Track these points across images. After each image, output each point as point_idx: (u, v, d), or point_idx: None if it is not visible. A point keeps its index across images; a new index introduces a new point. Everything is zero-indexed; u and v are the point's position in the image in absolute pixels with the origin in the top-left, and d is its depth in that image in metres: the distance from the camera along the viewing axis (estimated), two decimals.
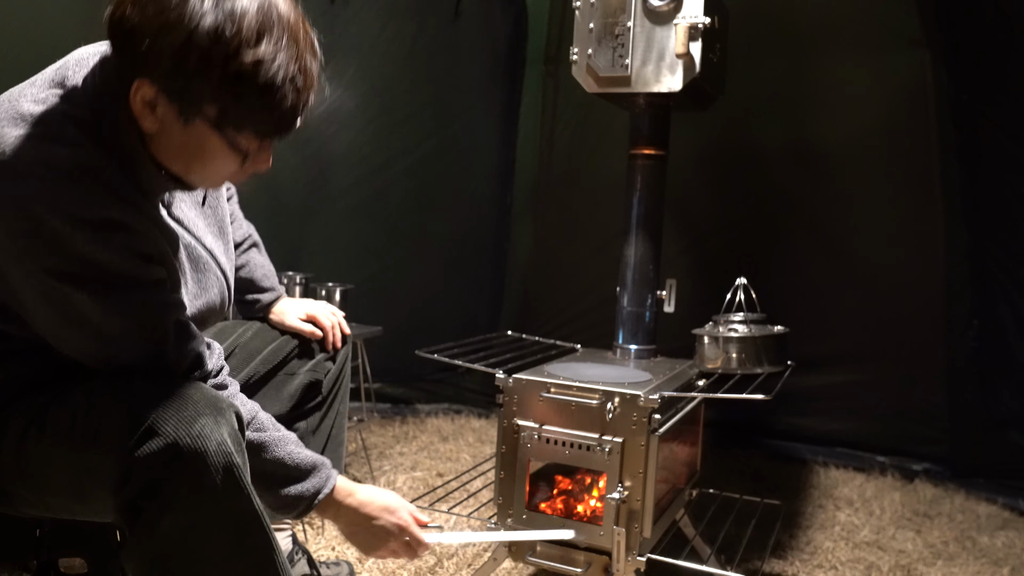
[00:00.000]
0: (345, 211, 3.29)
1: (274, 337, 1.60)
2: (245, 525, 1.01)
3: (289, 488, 1.24)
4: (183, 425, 0.96)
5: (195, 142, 1.03)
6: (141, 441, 0.96)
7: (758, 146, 3.04)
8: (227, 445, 0.98)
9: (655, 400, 1.57)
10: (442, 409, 3.45)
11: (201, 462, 0.96)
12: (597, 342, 2.27)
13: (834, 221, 2.97)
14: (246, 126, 1.02)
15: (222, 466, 0.97)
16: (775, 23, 2.88)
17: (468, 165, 3.48)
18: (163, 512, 0.96)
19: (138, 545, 0.99)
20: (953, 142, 2.75)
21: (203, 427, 0.97)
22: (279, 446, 1.22)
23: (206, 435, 0.97)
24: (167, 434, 0.95)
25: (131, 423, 0.97)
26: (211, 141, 1.02)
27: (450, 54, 3.36)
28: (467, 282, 3.51)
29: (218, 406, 1.01)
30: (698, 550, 1.94)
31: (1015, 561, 2.21)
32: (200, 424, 0.97)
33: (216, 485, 0.97)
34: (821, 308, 2.96)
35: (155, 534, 0.97)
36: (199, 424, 0.97)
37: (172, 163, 1.07)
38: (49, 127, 1.00)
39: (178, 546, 0.98)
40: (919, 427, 2.90)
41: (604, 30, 1.90)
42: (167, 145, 1.05)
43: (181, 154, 1.05)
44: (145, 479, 0.96)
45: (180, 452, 0.95)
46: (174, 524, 0.97)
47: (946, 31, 2.70)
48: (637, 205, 2.05)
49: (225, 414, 1.01)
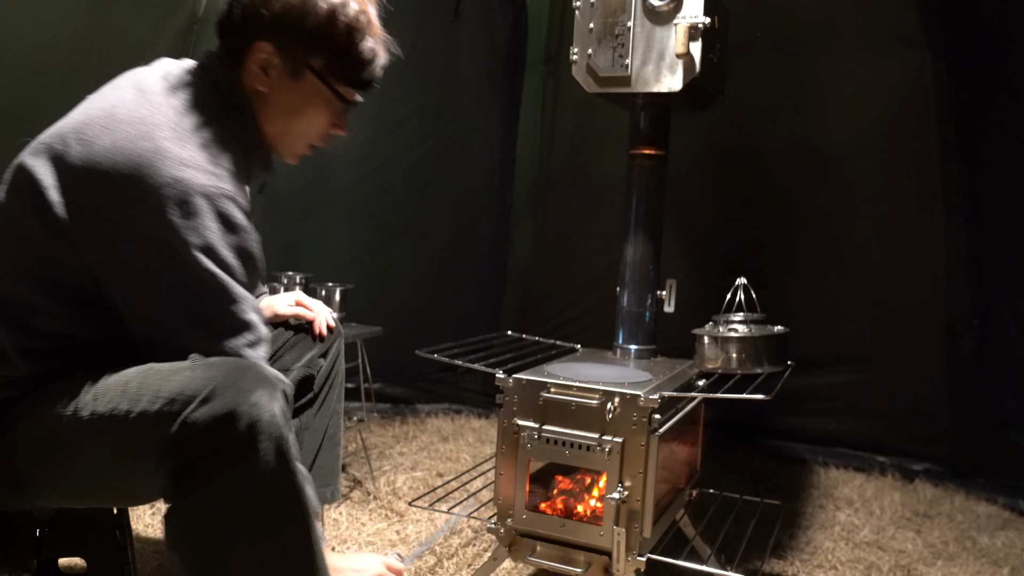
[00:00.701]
0: (345, 211, 3.29)
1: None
2: (287, 498, 1.06)
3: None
4: (241, 395, 1.02)
5: (301, 96, 1.25)
6: (200, 406, 1.01)
7: (758, 146, 3.04)
8: (278, 419, 1.04)
9: (655, 400, 1.57)
10: (442, 409, 3.45)
11: (255, 431, 1.01)
12: (597, 342, 2.27)
13: (834, 221, 2.97)
14: (346, 76, 1.26)
15: (273, 438, 1.03)
16: (775, 23, 2.88)
17: (468, 165, 3.48)
18: (213, 477, 1.01)
19: (183, 509, 1.04)
20: (953, 142, 2.75)
21: (259, 398, 1.03)
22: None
23: (261, 406, 1.03)
24: (226, 401, 1.01)
25: (190, 390, 1.03)
26: (316, 94, 1.25)
27: (450, 54, 3.36)
28: (467, 282, 3.51)
29: (272, 382, 1.07)
30: (698, 550, 1.93)
31: (1015, 561, 2.21)
32: (256, 395, 1.03)
33: (266, 455, 1.02)
34: (821, 308, 2.96)
35: (202, 499, 1.02)
36: (255, 395, 1.03)
37: (273, 125, 1.27)
38: (208, 139, 1.17)
39: (222, 512, 1.03)
40: (919, 427, 2.90)
41: (604, 30, 1.90)
42: (273, 107, 1.26)
43: (285, 112, 1.26)
44: (200, 443, 1.01)
45: (236, 419, 1.01)
46: (222, 490, 1.02)
47: (946, 31, 2.70)
48: (637, 205, 2.05)
49: (277, 390, 1.07)
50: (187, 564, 1.07)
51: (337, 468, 1.75)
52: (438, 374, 3.46)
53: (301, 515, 1.08)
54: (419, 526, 2.23)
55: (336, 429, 1.74)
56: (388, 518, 2.28)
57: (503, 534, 1.71)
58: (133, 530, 1.48)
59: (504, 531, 1.70)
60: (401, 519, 2.27)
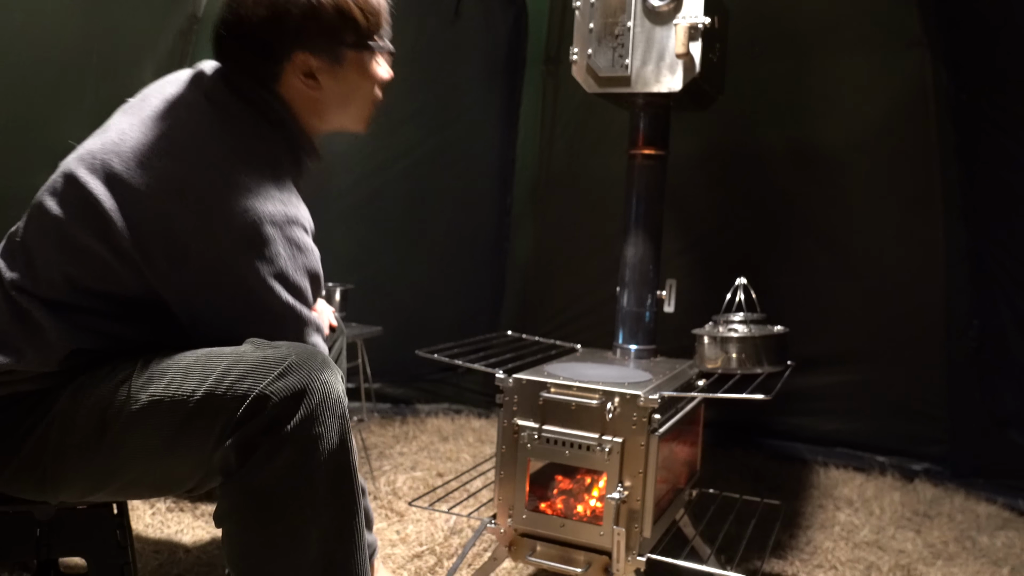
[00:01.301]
0: (345, 211, 3.29)
1: None
2: (343, 473, 1.12)
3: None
4: (314, 372, 1.09)
5: (350, 75, 1.29)
6: (275, 380, 1.07)
7: (758, 146, 3.04)
8: (343, 398, 1.13)
9: (655, 400, 1.57)
10: (442, 409, 3.45)
11: (324, 406, 1.09)
12: (597, 342, 2.26)
13: (834, 221, 2.97)
14: (374, 30, 1.30)
15: (338, 416, 1.11)
16: (775, 23, 2.88)
17: (468, 165, 3.48)
18: (280, 447, 1.07)
19: (246, 478, 1.08)
20: (953, 142, 2.74)
21: (328, 377, 1.11)
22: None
23: (331, 384, 1.11)
24: (301, 376, 1.08)
25: (265, 367, 1.08)
26: (360, 63, 1.30)
27: (450, 54, 3.35)
28: (467, 282, 3.51)
29: (335, 367, 1.15)
30: (698, 550, 1.94)
31: (1015, 561, 2.21)
32: (326, 374, 1.11)
33: (329, 431, 1.10)
34: (821, 308, 2.96)
35: (267, 468, 1.07)
36: (326, 375, 1.11)
37: (336, 116, 1.32)
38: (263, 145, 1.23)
39: (284, 482, 1.08)
40: (919, 427, 2.90)
41: (604, 30, 1.90)
42: (328, 102, 1.30)
43: (344, 97, 1.31)
44: (273, 414, 1.06)
45: (310, 394, 1.08)
46: (287, 460, 1.07)
47: (946, 31, 2.70)
48: (637, 205, 2.05)
49: (339, 374, 1.14)
50: (236, 536, 1.12)
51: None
52: (438, 374, 3.45)
53: (352, 491, 1.14)
54: (419, 526, 2.23)
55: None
56: (388, 518, 2.28)
57: (503, 534, 1.71)
58: (133, 530, 1.49)
59: (504, 531, 1.70)
60: (401, 519, 2.28)
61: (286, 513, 1.09)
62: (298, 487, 1.09)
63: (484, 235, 3.54)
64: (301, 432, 1.07)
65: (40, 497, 1.23)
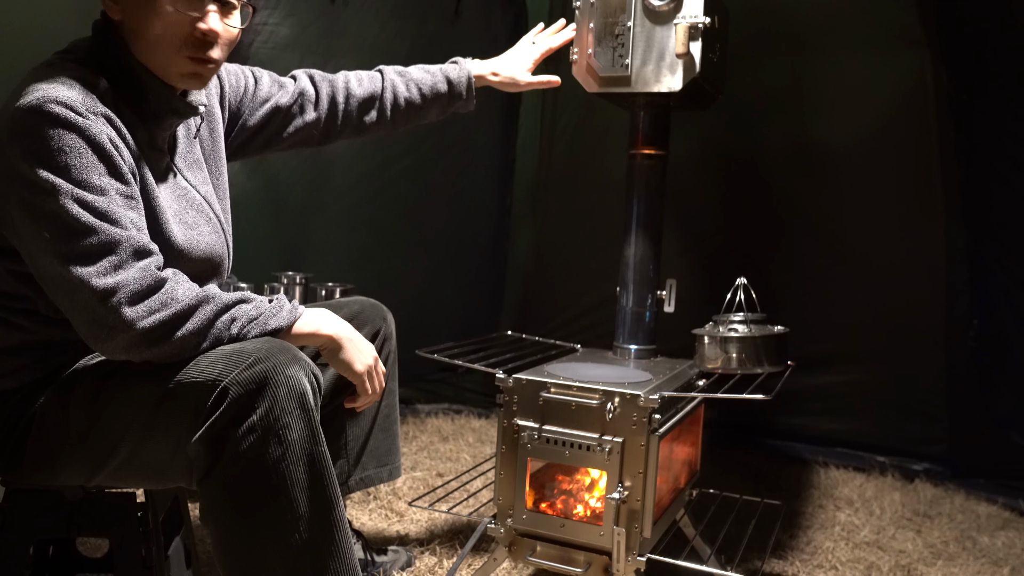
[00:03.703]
0: (345, 211, 3.29)
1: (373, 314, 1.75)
2: (314, 463, 1.14)
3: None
4: (280, 364, 1.11)
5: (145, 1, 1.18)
6: (243, 370, 1.10)
7: (758, 146, 3.04)
8: (308, 392, 1.14)
9: (655, 400, 1.57)
10: (442, 409, 3.44)
11: (288, 398, 1.11)
12: (597, 342, 2.26)
13: (834, 221, 2.97)
14: None
15: (306, 408, 1.13)
16: (775, 23, 2.88)
17: (468, 165, 3.48)
18: (246, 439, 1.09)
19: (220, 474, 1.11)
20: (953, 142, 2.74)
21: (295, 372, 1.13)
22: None
23: (295, 377, 1.12)
24: (266, 367, 1.10)
25: (232, 361, 1.11)
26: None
27: (450, 54, 3.35)
28: (467, 282, 3.51)
29: (305, 362, 1.16)
30: (698, 550, 1.93)
31: (1015, 561, 2.21)
32: (293, 369, 1.13)
33: (297, 422, 1.11)
34: (821, 308, 2.95)
35: (238, 462, 1.09)
36: (291, 368, 1.12)
37: (144, 51, 1.22)
38: (59, 70, 1.21)
39: (255, 475, 1.10)
40: (919, 427, 2.90)
41: (604, 30, 1.90)
42: (134, 31, 1.21)
43: (143, 26, 1.20)
44: (238, 404, 1.09)
45: (273, 385, 1.10)
46: (256, 453, 1.09)
47: (946, 31, 2.70)
48: (637, 205, 2.04)
49: (308, 369, 1.16)
50: (218, 533, 1.15)
51: (393, 447, 1.79)
52: (438, 374, 3.45)
53: (327, 482, 1.15)
54: (419, 526, 2.23)
55: (391, 409, 1.78)
56: (388, 518, 2.28)
57: (503, 534, 1.71)
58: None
59: (504, 531, 1.70)
60: (401, 519, 2.28)
61: (262, 506, 1.11)
62: (270, 479, 1.10)
63: (484, 235, 3.54)
64: (265, 423, 1.09)
65: (53, 485, 1.27)
